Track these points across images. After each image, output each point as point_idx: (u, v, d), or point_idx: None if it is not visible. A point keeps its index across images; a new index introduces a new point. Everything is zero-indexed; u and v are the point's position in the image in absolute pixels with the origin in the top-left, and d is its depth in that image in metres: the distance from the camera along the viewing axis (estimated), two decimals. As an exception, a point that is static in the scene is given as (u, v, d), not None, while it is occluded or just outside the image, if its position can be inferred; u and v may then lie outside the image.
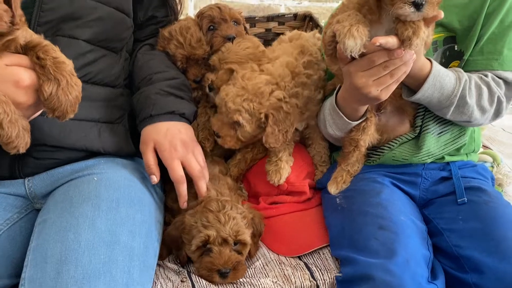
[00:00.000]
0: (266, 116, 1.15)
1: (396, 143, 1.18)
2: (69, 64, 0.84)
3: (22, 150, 0.82)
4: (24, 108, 0.82)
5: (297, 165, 1.26)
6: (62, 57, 0.83)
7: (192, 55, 1.28)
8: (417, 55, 0.96)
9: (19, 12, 0.80)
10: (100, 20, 1.08)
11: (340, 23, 0.91)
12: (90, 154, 1.08)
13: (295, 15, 1.77)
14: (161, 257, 1.08)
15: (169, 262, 1.09)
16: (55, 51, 0.83)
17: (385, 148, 1.19)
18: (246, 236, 1.06)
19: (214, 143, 1.30)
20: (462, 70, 1.08)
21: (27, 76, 0.80)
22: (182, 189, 1.09)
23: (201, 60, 1.30)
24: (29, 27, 0.94)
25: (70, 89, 0.82)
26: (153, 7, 1.29)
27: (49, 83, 0.80)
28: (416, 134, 1.17)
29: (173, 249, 1.10)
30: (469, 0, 1.09)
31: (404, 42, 0.89)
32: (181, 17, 1.96)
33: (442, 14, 0.90)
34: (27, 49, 0.82)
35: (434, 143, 1.16)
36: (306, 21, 1.77)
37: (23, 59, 0.81)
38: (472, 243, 1.01)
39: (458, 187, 1.13)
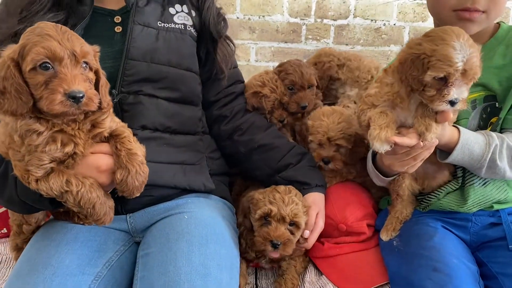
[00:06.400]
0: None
1: (441, 193, 1.27)
2: (140, 155, 1.00)
3: (108, 223, 1.02)
4: (104, 186, 1.01)
5: (354, 208, 1.38)
6: (135, 148, 1.00)
7: (282, 100, 1.56)
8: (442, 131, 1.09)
9: (107, 98, 0.98)
10: (174, 81, 1.26)
11: (372, 122, 1.08)
12: (179, 191, 1.26)
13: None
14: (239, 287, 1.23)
15: (245, 291, 1.26)
16: (131, 143, 1.00)
17: (432, 197, 1.29)
18: (302, 220, 1.24)
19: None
20: (493, 134, 1.16)
21: (105, 162, 0.99)
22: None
23: (285, 105, 1.57)
24: (115, 87, 1.17)
25: (138, 177, 0.99)
26: (209, 64, 1.41)
27: (121, 171, 0.98)
28: (459, 185, 1.25)
29: (241, 216, 1.33)
30: (509, 61, 1.19)
31: (420, 136, 1.04)
32: (244, 63, 2.17)
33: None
34: (110, 137, 1.01)
35: (480, 194, 1.22)
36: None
37: (105, 147, 1.00)
38: None
39: (509, 234, 1.20)
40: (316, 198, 1.36)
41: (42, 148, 0.91)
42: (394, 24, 2.40)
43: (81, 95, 0.86)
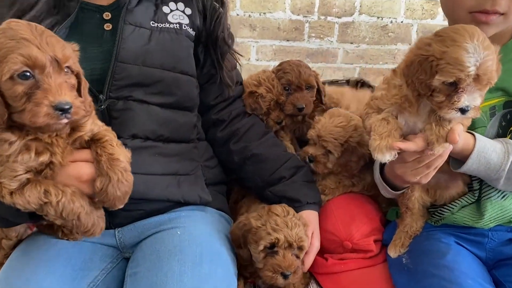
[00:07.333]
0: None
1: (455, 206, 1.19)
2: (123, 161, 0.92)
3: (98, 235, 0.93)
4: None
5: (360, 222, 1.29)
6: (117, 153, 0.91)
7: (278, 99, 1.48)
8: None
9: (88, 100, 0.91)
10: (168, 85, 1.18)
11: (372, 131, 1.01)
12: (172, 204, 1.18)
13: (348, 81, 1.96)
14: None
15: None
16: (113, 147, 0.92)
17: (445, 210, 1.21)
18: (306, 243, 1.16)
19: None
20: None
21: (85, 172, 0.91)
22: None
23: (282, 105, 1.49)
24: (103, 92, 1.08)
25: (120, 185, 0.90)
26: (208, 66, 1.34)
27: (101, 179, 0.89)
28: (475, 198, 1.17)
29: (235, 246, 1.20)
30: None
31: (428, 145, 0.97)
32: (244, 62, 2.11)
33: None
34: (91, 142, 0.92)
35: (498, 208, 1.14)
36: (358, 86, 1.93)
37: (85, 154, 0.92)
38: None
39: None
40: (309, 217, 1.27)
41: (14, 158, 0.83)
42: (402, 22, 2.35)
43: (68, 106, 0.79)
